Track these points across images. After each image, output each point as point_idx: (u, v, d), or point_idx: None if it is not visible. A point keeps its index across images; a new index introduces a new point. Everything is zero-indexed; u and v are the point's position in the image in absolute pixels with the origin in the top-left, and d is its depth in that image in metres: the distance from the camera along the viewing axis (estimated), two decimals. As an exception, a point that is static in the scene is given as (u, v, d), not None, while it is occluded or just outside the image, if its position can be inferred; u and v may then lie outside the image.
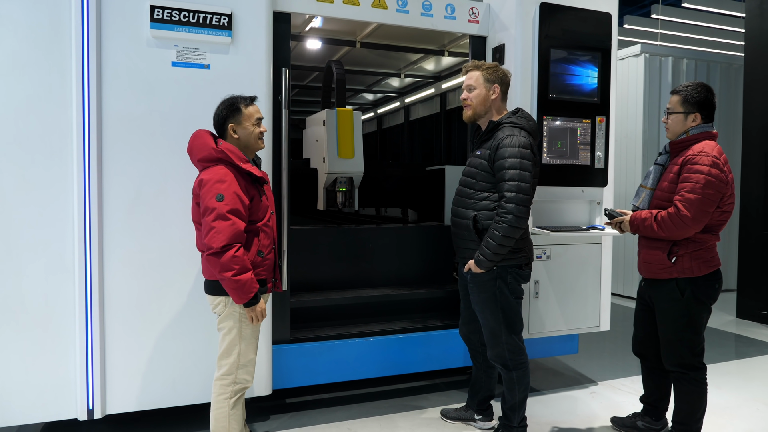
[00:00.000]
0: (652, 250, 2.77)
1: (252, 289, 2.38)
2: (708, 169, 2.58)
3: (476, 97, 2.88)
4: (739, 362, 4.53)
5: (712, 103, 2.72)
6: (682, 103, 2.73)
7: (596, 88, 3.52)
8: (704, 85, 2.72)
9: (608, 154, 3.57)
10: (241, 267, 2.33)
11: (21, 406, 2.75)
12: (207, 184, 2.35)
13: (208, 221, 2.32)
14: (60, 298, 2.77)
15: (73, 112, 2.73)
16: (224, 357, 2.53)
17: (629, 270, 6.87)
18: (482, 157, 2.84)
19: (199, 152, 2.44)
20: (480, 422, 3.19)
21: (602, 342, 4.99)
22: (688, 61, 6.95)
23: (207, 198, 2.34)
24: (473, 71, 2.91)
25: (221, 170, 2.38)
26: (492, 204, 2.79)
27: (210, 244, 2.31)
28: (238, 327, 2.50)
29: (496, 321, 2.84)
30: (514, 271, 2.84)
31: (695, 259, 2.69)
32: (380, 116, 9.02)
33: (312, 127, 4.89)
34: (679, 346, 2.77)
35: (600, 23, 3.51)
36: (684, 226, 2.60)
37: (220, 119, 2.52)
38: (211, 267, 2.36)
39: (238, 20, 2.98)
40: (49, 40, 2.70)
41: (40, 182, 2.72)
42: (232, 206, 2.33)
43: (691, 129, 2.72)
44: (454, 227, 2.99)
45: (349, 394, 3.67)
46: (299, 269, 3.67)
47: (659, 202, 2.78)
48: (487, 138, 2.87)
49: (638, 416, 3.15)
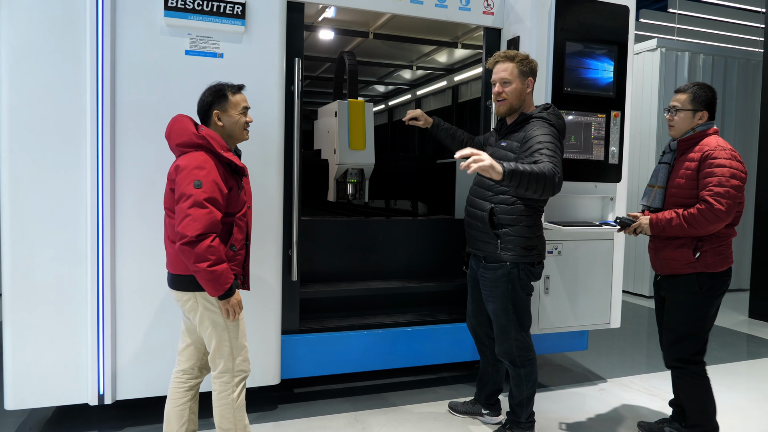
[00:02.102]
0: (677, 249, 2.74)
1: (228, 280, 2.25)
2: (730, 162, 2.62)
3: (513, 92, 2.79)
4: (751, 363, 4.49)
5: (715, 102, 2.81)
6: (691, 102, 2.76)
7: (612, 82, 3.47)
8: (709, 85, 2.80)
9: (623, 150, 3.53)
10: (217, 257, 2.20)
11: (33, 390, 2.78)
12: (185, 169, 2.22)
13: (184, 208, 2.19)
14: (72, 285, 2.79)
15: (87, 100, 2.74)
16: (217, 355, 2.40)
17: (640, 267, 6.82)
18: (509, 149, 2.78)
19: (178, 137, 2.32)
20: (487, 416, 3.19)
21: (612, 339, 4.96)
22: (705, 56, 6.85)
23: (184, 184, 2.21)
24: (505, 63, 2.80)
25: (201, 156, 2.26)
26: (511, 198, 2.74)
27: (184, 232, 2.16)
28: (221, 321, 2.36)
29: (506, 317, 2.82)
30: (527, 268, 2.81)
31: (717, 255, 2.70)
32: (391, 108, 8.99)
33: (323, 118, 4.88)
34: (684, 340, 2.77)
35: (617, 16, 3.46)
36: (718, 220, 2.60)
37: (204, 105, 2.40)
38: (185, 258, 2.21)
39: (252, 9, 2.97)
40: (63, 28, 2.70)
41: (54, 169, 2.73)
42: (209, 194, 2.21)
43: (697, 126, 2.77)
44: (468, 217, 2.94)
45: (357, 385, 3.68)
46: (309, 260, 3.67)
47: (677, 199, 2.75)
48: (515, 130, 2.81)
49: (666, 422, 3.07)
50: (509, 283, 2.78)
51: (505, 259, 2.78)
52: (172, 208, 2.30)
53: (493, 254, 2.80)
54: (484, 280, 2.88)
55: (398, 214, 5.13)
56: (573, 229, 3.36)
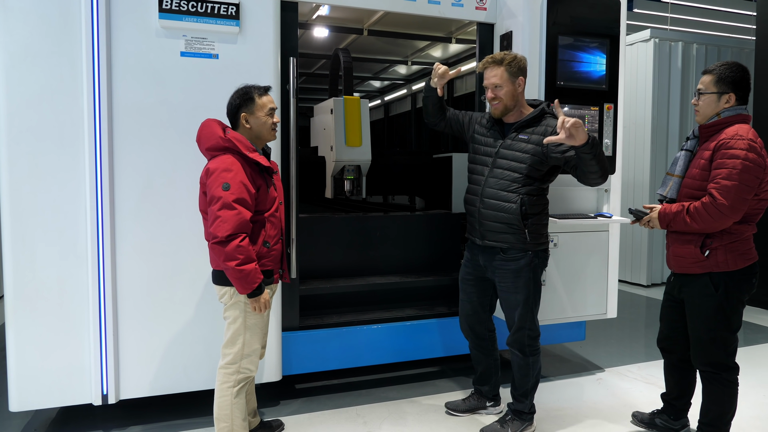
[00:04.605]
0: (684, 244, 2.58)
1: (256, 279, 2.38)
2: (744, 153, 2.37)
3: (506, 95, 2.83)
4: (747, 349, 4.54)
5: (749, 83, 2.50)
6: (716, 83, 2.50)
7: (604, 75, 3.50)
8: (740, 64, 2.51)
9: (616, 142, 3.56)
10: (246, 257, 2.33)
11: (37, 391, 2.81)
12: (214, 173, 2.35)
13: (214, 210, 2.32)
14: (74, 286, 2.82)
15: (84, 102, 2.76)
16: (229, 346, 2.54)
17: (637, 257, 6.87)
18: (531, 142, 2.79)
19: (207, 141, 2.44)
20: (490, 407, 3.23)
21: (609, 329, 5.01)
22: (698, 45, 6.87)
23: (213, 187, 2.34)
24: (495, 68, 2.83)
25: (228, 159, 2.38)
26: (536, 189, 2.80)
27: (215, 233, 2.30)
28: (243, 317, 2.50)
29: (526, 307, 2.87)
30: (543, 255, 2.91)
31: (730, 252, 2.50)
32: (387, 104, 9.00)
33: (319, 116, 4.90)
34: (710, 345, 2.59)
35: (608, 9, 3.48)
36: (721, 216, 2.41)
37: (233, 108, 2.51)
38: (216, 256, 2.37)
39: (246, 10, 2.98)
40: (59, 31, 2.72)
41: (53, 171, 2.75)
42: (237, 195, 2.33)
43: (723, 111, 2.51)
44: (489, 210, 2.85)
45: (358, 380, 3.72)
46: (308, 257, 3.70)
47: (689, 191, 2.57)
48: (531, 124, 2.84)
49: (657, 414, 3.05)
50: (531, 271, 2.84)
51: (528, 248, 2.83)
52: (206, 211, 2.44)
53: (518, 245, 2.82)
54: (504, 273, 2.87)
55: (396, 210, 5.17)
56: (569, 222, 3.39)
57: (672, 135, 6.78)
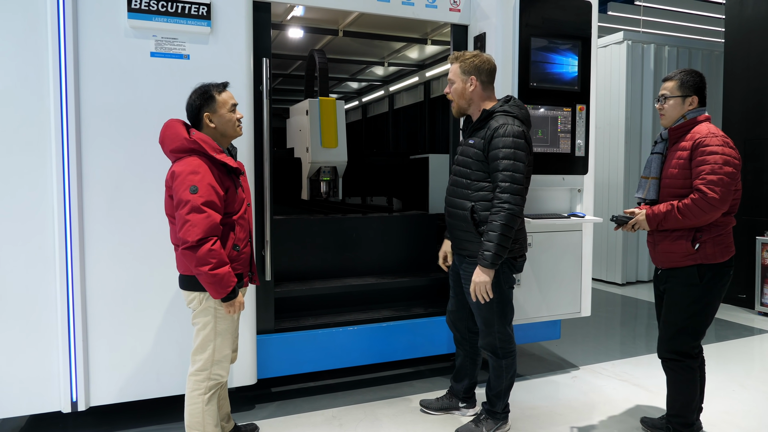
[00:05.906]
0: (676, 241, 2.67)
1: (230, 283, 2.33)
2: (722, 149, 2.55)
3: (455, 91, 2.87)
4: (719, 345, 4.63)
5: (705, 87, 2.74)
6: (679, 87, 2.70)
7: (576, 76, 3.54)
8: (696, 70, 2.74)
9: (589, 142, 3.61)
10: (218, 260, 2.27)
11: (4, 399, 2.75)
12: (180, 175, 2.27)
13: (182, 214, 2.25)
14: (42, 291, 2.75)
15: (51, 103, 2.70)
16: (198, 352, 2.47)
17: (612, 256, 6.96)
18: (476, 146, 2.80)
19: (171, 143, 2.35)
20: (464, 409, 3.24)
21: (584, 327, 5.07)
22: (670, 48, 7.00)
23: (180, 190, 2.26)
24: (452, 63, 2.89)
25: (194, 161, 2.30)
26: (489, 195, 2.75)
27: (185, 238, 2.24)
28: (213, 322, 2.44)
29: (489, 311, 2.85)
30: (509, 262, 2.84)
31: (717, 245, 2.63)
32: (365, 105, 9.00)
33: (295, 117, 4.88)
34: (683, 333, 2.71)
35: (580, 11, 3.53)
36: (713, 209, 2.53)
37: (194, 109, 2.43)
38: (187, 261, 2.30)
39: (218, 10, 2.95)
40: (23, 31, 2.66)
41: (18, 174, 2.69)
42: (206, 198, 2.27)
43: (688, 113, 2.70)
44: (449, 218, 2.93)
45: (335, 382, 3.71)
46: (283, 259, 3.68)
47: (673, 190, 2.69)
48: (480, 126, 2.83)
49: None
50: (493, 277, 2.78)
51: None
52: (173, 215, 2.36)
53: (477, 252, 2.76)
54: (467, 276, 2.88)
55: (375, 211, 5.16)
56: (542, 222, 3.42)
57: (645, 135, 6.89)
